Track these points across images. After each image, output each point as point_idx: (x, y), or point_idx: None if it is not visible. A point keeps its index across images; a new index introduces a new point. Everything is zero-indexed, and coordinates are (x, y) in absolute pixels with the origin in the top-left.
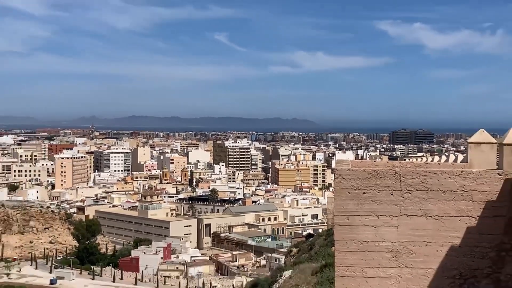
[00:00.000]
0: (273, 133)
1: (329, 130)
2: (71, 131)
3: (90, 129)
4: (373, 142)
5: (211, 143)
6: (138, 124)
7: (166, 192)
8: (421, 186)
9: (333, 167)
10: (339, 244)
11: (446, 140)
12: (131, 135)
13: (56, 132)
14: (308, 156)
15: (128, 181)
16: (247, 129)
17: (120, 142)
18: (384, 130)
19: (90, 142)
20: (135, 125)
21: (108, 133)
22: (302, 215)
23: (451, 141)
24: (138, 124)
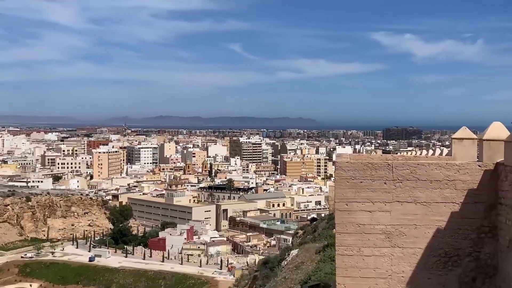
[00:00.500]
0: (281, 130)
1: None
2: (106, 129)
3: (123, 127)
4: (368, 138)
5: (227, 139)
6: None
7: (188, 182)
8: (411, 176)
9: (334, 160)
10: (339, 227)
11: (433, 136)
12: (158, 132)
13: (93, 130)
14: (312, 150)
15: (156, 172)
16: (259, 127)
17: (149, 138)
18: (378, 127)
19: (123, 138)
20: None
21: (139, 130)
22: (307, 202)
23: (437, 137)
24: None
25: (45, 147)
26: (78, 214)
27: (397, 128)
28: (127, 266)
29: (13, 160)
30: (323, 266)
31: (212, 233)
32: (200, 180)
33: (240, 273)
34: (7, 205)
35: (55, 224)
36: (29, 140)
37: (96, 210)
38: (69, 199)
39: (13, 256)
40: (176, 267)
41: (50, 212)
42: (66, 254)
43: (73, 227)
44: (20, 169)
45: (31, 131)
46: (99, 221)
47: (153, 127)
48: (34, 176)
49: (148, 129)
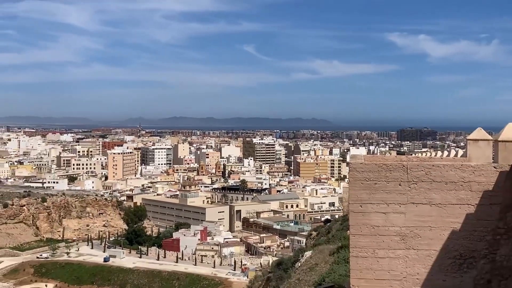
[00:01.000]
0: (294, 131)
1: (344, 128)
2: (121, 130)
3: (138, 128)
4: (383, 139)
5: (241, 140)
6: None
7: (202, 182)
8: (426, 178)
9: (348, 161)
10: (353, 228)
11: (448, 137)
12: (172, 133)
13: (108, 131)
14: (326, 151)
15: (170, 173)
16: (272, 128)
17: (163, 139)
18: (392, 128)
19: (138, 139)
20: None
21: (153, 131)
22: (320, 203)
23: (452, 138)
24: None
25: (61, 148)
26: (93, 215)
27: (412, 129)
28: (141, 267)
29: (29, 161)
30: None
31: (226, 234)
32: (214, 181)
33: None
34: (23, 206)
35: (70, 224)
36: (45, 141)
37: (111, 211)
38: (84, 200)
39: (29, 257)
40: (190, 268)
41: (65, 212)
42: (81, 255)
43: (88, 228)
44: (35, 170)
45: (46, 132)
46: (113, 222)
47: (167, 128)
48: (49, 177)
49: (162, 130)
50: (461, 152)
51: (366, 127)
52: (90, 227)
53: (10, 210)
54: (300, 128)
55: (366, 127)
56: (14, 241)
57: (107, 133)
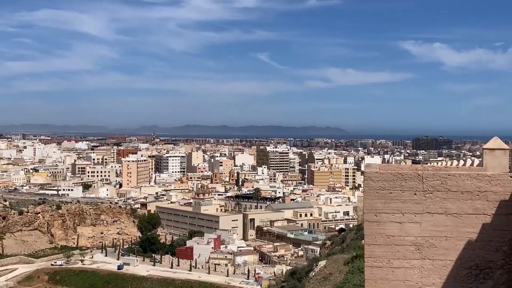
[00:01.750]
0: (308, 139)
1: (358, 137)
2: (135, 138)
3: (152, 136)
4: (398, 148)
5: (254, 148)
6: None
7: (216, 190)
8: (442, 187)
9: (363, 170)
10: (368, 238)
11: (463, 146)
12: (186, 141)
13: (123, 139)
14: (340, 160)
15: (184, 181)
16: (286, 136)
17: (177, 147)
18: (408, 137)
19: (152, 147)
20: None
21: (167, 139)
22: (335, 212)
23: (468, 147)
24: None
25: (76, 155)
26: (107, 222)
27: (427, 138)
28: (155, 275)
29: (44, 168)
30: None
31: (239, 242)
32: (227, 189)
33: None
34: (38, 213)
35: (84, 232)
36: (60, 149)
37: (125, 219)
38: (99, 207)
39: (43, 264)
40: (203, 276)
41: (80, 220)
42: (95, 262)
43: (102, 235)
44: (51, 178)
45: (62, 140)
46: (127, 229)
47: (181, 136)
48: (64, 185)
49: (176, 138)
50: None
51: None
52: (104, 234)
53: (25, 217)
54: (314, 136)
55: (380, 136)
56: (29, 248)
57: (122, 141)
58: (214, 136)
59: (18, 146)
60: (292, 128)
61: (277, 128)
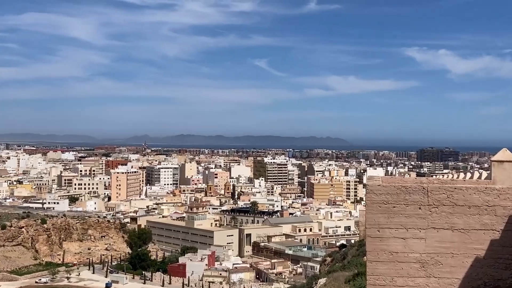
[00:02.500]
0: (308, 150)
1: (360, 148)
2: (125, 149)
3: (143, 146)
4: (402, 160)
5: (251, 160)
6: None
7: (210, 204)
8: (448, 201)
9: (365, 183)
10: (370, 255)
11: (471, 158)
12: (179, 152)
13: (112, 149)
14: (341, 172)
15: (176, 194)
16: (285, 146)
17: (170, 158)
18: (412, 148)
19: (143, 158)
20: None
21: (159, 150)
22: (335, 227)
23: (475, 159)
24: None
25: (62, 167)
26: (95, 238)
27: (432, 149)
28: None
29: (29, 180)
30: None
31: (235, 259)
32: (223, 203)
33: None
34: (21, 228)
35: (71, 247)
36: (45, 160)
37: (114, 234)
38: (86, 222)
39: (27, 281)
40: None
41: (66, 235)
42: (82, 280)
43: (90, 251)
44: (35, 190)
45: (47, 150)
46: (116, 245)
47: (174, 147)
48: (50, 197)
49: (169, 148)
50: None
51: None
52: (92, 250)
53: (8, 232)
54: (314, 147)
55: (384, 147)
56: (12, 265)
57: (111, 151)
58: (208, 146)
59: (1, 156)
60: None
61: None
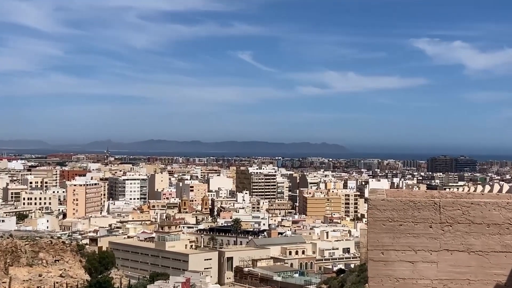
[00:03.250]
0: (300, 158)
1: (361, 156)
2: (84, 156)
3: (105, 154)
4: (410, 170)
5: (233, 169)
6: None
7: (185, 222)
8: (463, 219)
9: (366, 197)
10: (373, 282)
11: (490, 168)
12: (148, 160)
13: (68, 157)
14: (339, 184)
15: (145, 210)
16: (273, 154)
17: (137, 168)
18: (422, 156)
19: (105, 168)
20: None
21: (124, 158)
22: (332, 249)
23: (496, 169)
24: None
25: (8, 178)
26: (47, 262)
27: (445, 158)
28: None
29: None
30: None
31: (214, 286)
32: (199, 220)
33: None
34: None
35: (18, 274)
36: None
37: (70, 257)
38: (37, 243)
39: None
40: None
41: (12, 259)
42: None
43: (41, 278)
44: None
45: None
46: (73, 271)
47: (142, 154)
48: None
49: (136, 156)
50: (507, 187)
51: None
52: (44, 277)
53: None
54: (307, 155)
55: (389, 155)
56: None
57: (67, 159)
58: (183, 154)
59: None
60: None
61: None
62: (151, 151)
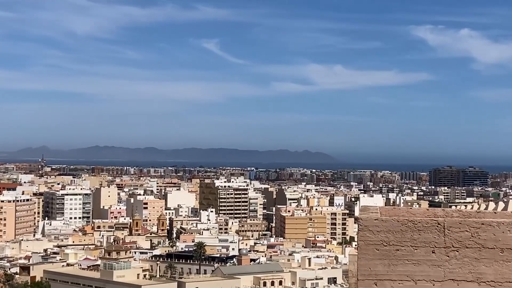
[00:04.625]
0: (278, 169)
1: (351, 166)
2: (14, 166)
3: (39, 163)
4: (408, 183)
5: (196, 183)
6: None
7: (137, 246)
8: (472, 242)
9: (357, 216)
10: None
11: (505, 182)
12: (92, 171)
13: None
14: (324, 201)
15: (88, 232)
16: (245, 164)
17: (78, 180)
18: (423, 167)
19: (39, 180)
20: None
21: (63, 168)
22: (315, 279)
23: (511, 183)
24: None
25: None
26: None
27: (451, 169)
28: None
29: None
30: None
31: None
32: (155, 245)
33: None
34: None
35: None
36: None
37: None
38: None
39: None
40: None
41: None
42: None
43: None
44: None
45: None
46: None
47: (85, 163)
48: None
49: (78, 166)
50: None
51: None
52: None
53: None
54: (286, 165)
55: (384, 165)
56: None
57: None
58: (135, 163)
59: None
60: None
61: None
62: (96, 159)
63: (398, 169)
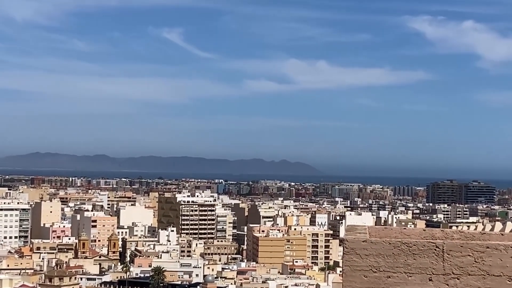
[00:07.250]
0: (250, 182)
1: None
2: None
3: None
4: (403, 199)
5: (155, 197)
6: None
7: (84, 271)
8: (476, 268)
9: (342, 237)
10: None
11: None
12: (31, 182)
13: None
14: (304, 219)
15: (26, 254)
16: (212, 175)
17: (15, 193)
18: (419, 181)
19: None
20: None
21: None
22: None
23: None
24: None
25: None
26: None
27: (452, 183)
28: None
29: None
30: None
31: None
32: (105, 269)
33: None
34: None
35: None
36: None
37: None
38: None
39: None
40: None
41: None
42: None
43: None
44: None
45: None
46: None
47: (23, 173)
48: None
49: (14, 176)
50: None
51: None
52: None
53: None
54: (260, 177)
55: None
56: None
57: None
58: (82, 173)
59: None
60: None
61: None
62: (36, 169)
63: (390, 183)
